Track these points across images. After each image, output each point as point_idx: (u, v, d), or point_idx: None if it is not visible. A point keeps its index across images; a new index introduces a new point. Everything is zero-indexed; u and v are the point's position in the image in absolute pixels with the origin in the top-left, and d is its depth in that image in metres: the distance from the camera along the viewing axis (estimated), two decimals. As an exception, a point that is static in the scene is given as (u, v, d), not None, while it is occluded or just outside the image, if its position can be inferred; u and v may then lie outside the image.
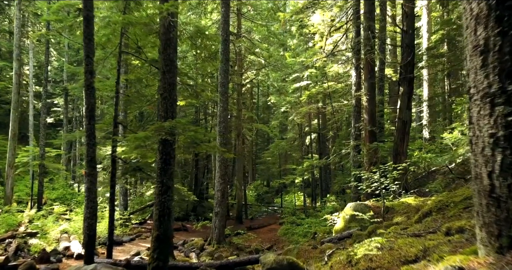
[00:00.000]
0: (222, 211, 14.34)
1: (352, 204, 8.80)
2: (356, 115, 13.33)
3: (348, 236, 7.75)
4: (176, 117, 7.10)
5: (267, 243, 16.60)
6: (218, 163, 14.41)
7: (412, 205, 8.08)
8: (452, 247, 2.96)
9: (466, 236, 3.22)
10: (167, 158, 6.93)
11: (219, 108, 14.54)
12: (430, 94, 23.58)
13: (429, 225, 4.62)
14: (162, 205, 6.82)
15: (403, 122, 12.35)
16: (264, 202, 31.67)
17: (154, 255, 6.62)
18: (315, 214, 18.48)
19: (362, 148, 12.87)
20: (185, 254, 12.89)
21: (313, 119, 27.73)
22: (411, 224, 5.64)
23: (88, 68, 8.27)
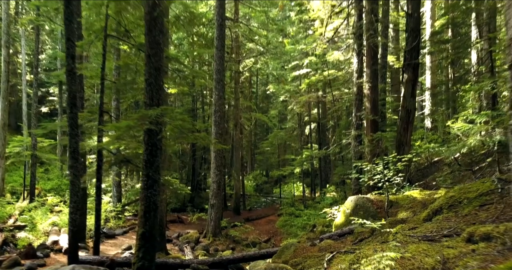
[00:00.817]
0: (218, 203, 13.87)
1: (353, 197, 8.28)
2: (358, 104, 12.73)
3: (349, 232, 7.26)
4: (162, 105, 6.52)
5: (265, 236, 16.18)
6: (213, 153, 13.88)
7: (418, 199, 7.56)
8: (480, 261, 2.44)
9: (495, 245, 2.69)
10: (153, 149, 6.37)
11: (215, 97, 13.95)
12: (433, 82, 22.93)
13: (442, 226, 4.10)
14: (148, 200, 6.29)
15: (407, 111, 11.77)
16: (263, 192, 31.25)
17: (139, 254, 6.11)
18: (314, 206, 18.03)
19: (364, 138, 12.31)
20: (179, 247, 12.45)
21: (313, 108, 27.09)
22: (420, 223, 5.11)
23: (69, 52, 7.66)
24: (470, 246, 2.89)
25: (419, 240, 3.54)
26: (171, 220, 17.57)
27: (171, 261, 7.75)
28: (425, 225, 4.58)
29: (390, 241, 4.22)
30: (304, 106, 25.29)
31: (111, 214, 14.91)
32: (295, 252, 6.78)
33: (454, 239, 3.32)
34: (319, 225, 14.46)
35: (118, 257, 8.77)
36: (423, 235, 3.86)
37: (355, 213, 7.96)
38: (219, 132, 13.79)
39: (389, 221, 6.32)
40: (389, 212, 7.28)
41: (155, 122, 6.16)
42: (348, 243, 6.66)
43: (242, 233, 15.44)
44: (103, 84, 8.76)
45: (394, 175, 8.31)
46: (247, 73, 30.20)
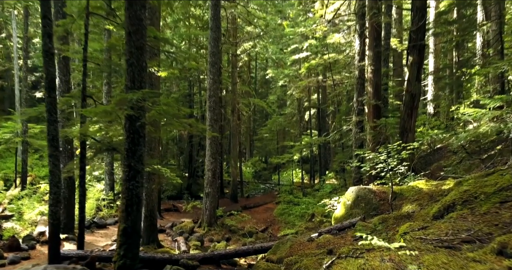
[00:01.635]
0: (213, 191, 13.37)
1: (354, 188, 7.74)
2: (359, 88, 12.08)
3: (350, 226, 6.73)
4: (145, 88, 5.90)
5: (262, 224, 15.76)
6: (208, 140, 13.29)
7: (424, 191, 7.01)
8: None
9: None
10: (135, 137, 5.79)
11: (209, 81, 13.28)
12: (436, 66, 22.20)
13: (458, 226, 3.55)
14: (130, 193, 5.73)
15: (412, 96, 11.13)
16: (261, 179, 30.84)
17: (120, 252, 5.60)
18: (313, 193, 17.57)
19: (366, 124, 11.72)
20: (173, 238, 12.00)
21: (312, 93, 26.41)
22: (430, 220, 4.57)
23: (46, 30, 6.98)
24: (505, 262, 2.34)
25: (434, 247, 3.00)
26: (166, 209, 17.14)
27: (159, 256, 7.25)
28: (437, 224, 4.03)
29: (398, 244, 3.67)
30: (303, 91, 24.61)
31: (103, 203, 14.43)
32: (291, 248, 6.27)
33: (478, 248, 2.77)
34: (318, 215, 14.03)
35: (104, 251, 8.29)
36: (438, 238, 3.31)
37: (356, 205, 7.44)
38: (214, 118, 13.18)
39: (394, 215, 5.78)
40: (393, 205, 6.75)
41: (136, 108, 5.55)
42: (348, 238, 6.15)
43: (239, 222, 15.00)
44: (85, 67, 8.10)
45: (398, 164, 7.77)
46: (245, 58, 29.36)
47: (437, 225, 3.93)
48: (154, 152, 10.31)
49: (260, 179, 30.79)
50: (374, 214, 7.04)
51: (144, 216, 10.27)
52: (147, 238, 10.24)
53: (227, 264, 7.54)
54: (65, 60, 11.00)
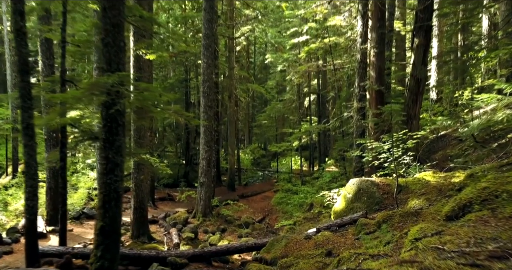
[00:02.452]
0: (208, 181, 12.84)
1: (356, 180, 7.18)
2: (361, 72, 11.39)
3: (351, 222, 6.20)
4: (124, 70, 5.27)
5: (259, 214, 15.30)
6: (202, 128, 12.69)
7: (432, 184, 6.46)
8: None
9: None
10: (113, 126, 5.18)
11: (203, 65, 12.59)
12: (440, 50, 21.38)
13: (480, 233, 2.99)
14: (108, 188, 5.17)
15: (417, 81, 10.49)
16: (260, 166, 30.36)
17: (97, 253, 5.06)
18: (312, 182, 17.07)
19: (367, 111, 11.11)
20: (166, 229, 11.52)
21: (312, 79, 25.66)
22: (442, 221, 4.01)
23: (17, 7, 6.31)
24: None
25: (457, 264, 2.46)
26: (161, 198, 16.66)
27: (145, 253, 6.75)
28: (453, 227, 3.47)
29: (408, 254, 3.12)
30: (303, 77, 23.87)
31: (95, 192, 13.90)
32: (286, 246, 5.75)
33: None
34: (316, 205, 13.53)
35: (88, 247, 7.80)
36: (458, 250, 2.76)
37: (357, 198, 6.90)
38: (209, 104, 12.55)
39: (400, 212, 5.23)
40: (397, 199, 6.19)
41: (112, 93, 4.93)
42: (349, 236, 5.62)
43: (235, 211, 14.53)
44: (64, 48, 7.45)
45: (402, 154, 7.21)
46: (244, 42, 28.50)
47: (454, 229, 3.37)
48: (144, 141, 9.73)
49: (258, 166, 30.31)
50: (377, 209, 6.51)
51: (133, 208, 9.79)
52: (137, 231, 9.77)
53: (219, 261, 7.05)
54: (48, 43, 10.31)
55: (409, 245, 3.44)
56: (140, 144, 9.62)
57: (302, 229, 11.24)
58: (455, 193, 5.48)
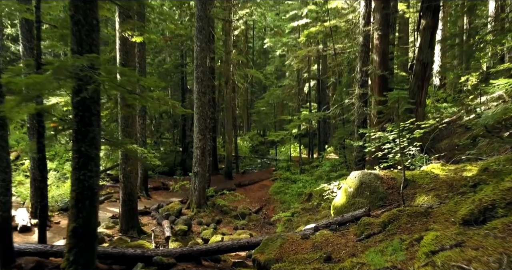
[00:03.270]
0: (203, 170, 12.32)
1: (358, 173, 6.63)
2: (364, 56, 10.71)
3: (352, 220, 5.67)
4: (98, 52, 4.65)
5: (256, 204, 14.84)
6: (196, 115, 12.09)
7: (441, 177, 5.91)
8: None
9: None
10: (85, 115, 4.59)
11: (196, 49, 11.91)
12: (444, 34, 20.57)
13: None
14: (81, 185, 4.61)
15: (423, 65, 9.86)
16: (258, 153, 29.84)
17: (70, 257, 4.54)
18: (311, 171, 16.56)
19: (370, 97, 10.50)
20: (158, 221, 11.06)
21: (312, 64, 24.92)
22: (460, 228, 3.46)
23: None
24: None
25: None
26: (155, 187, 16.16)
27: (129, 252, 6.25)
28: (475, 237, 2.93)
29: None
30: (303, 62, 23.11)
31: (85, 182, 13.41)
32: (281, 247, 5.23)
33: None
34: (315, 195, 13.06)
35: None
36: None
37: (359, 193, 6.36)
38: (202, 90, 11.91)
39: (408, 211, 4.69)
40: (404, 194, 5.65)
41: (83, 78, 4.31)
42: (351, 237, 5.10)
43: (231, 202, 14.06)
44: (39, 29, 6.79)
45: (408, 145, 6.64)
46: (242, 26, 27.60)
47: (477, 241, 2.83)
48: (132, 129, 9.15)
49: (257, 154, 29.80)
50: (381, 205, 5.97)
51: (122, 200, 9.29)
52: (126, 224, 9.30)
53: (209, 260, 6.57)
54: (28, 24, 9.59)
55: (424, 259, 2.90)
56: (128, 132, 9.04)
57: (300, 221, 10.78)
58: (469, 189, 4.93)
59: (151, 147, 25.90)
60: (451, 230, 3.45)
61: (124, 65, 8.91)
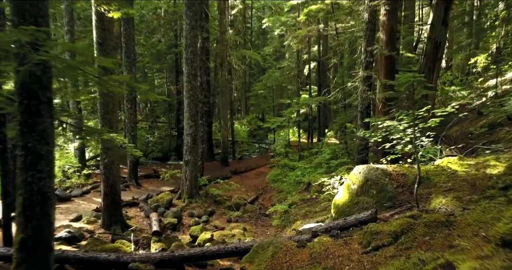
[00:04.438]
0: (194, 159, 11.53)
1: (362, 167, 5.81)
2: (369, 35, 9.72)
3: (356, 224, 4.89)
4: (48, 26, 3.75)
5: (252, 193, 14.13)
6: (186, 99, 11.20)
7: (460, 174, 5.10)
8: None
9: None
10: (32, 104, 3.74)
11: (185, 27, 10.91)
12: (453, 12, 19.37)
13: None
14: (29, 188, 3.80)
15: (435, 44, 8.92)
16: (256, 138, 29.01)
17: (18, 275, 3.77)
18: (311, 158, 15.78)
19: (375, 81, 9.59)
20: (146, 213, 10.33)
21: (313, 45, 23.79)
22: (503, 255, 2.66)
23: None
24: None
25: None
26: (146, 175, 15.40)
27: (102, 257, 5.51)
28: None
29: None
30: (302, 42, 21.99)
31: (70, 171, 12.64)
32: (273, 258, 4.47)
33: None
34: (314, 184, 12.32)
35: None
36: None
37: (364, 191, 5.56)
38: (193, 72, 10.98)
39: (425, 220, 3.90)
40: (418, 196, 4.84)
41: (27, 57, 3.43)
42: (355, 246, 4.33)
43: (226, 191, 13.32)
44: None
45: (421, 135, 5.82)
46: (240, 5, 26.31)
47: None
48: (112, 116, 8.29)
49: (255, 138, 28.98)
50: (389, 206, 5.18)
51: (103, 193, 8.51)
52: (109, 219, 8.55)
53: (194, 266, 5.83)
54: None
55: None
56: (108, 120, 8.19)
57: (298, 214, 10.05)
58: (499, 193, 4.11)
59: (145, 131, 25.09)
60: (489, 256, 2.64)
61: (102, 44, 7.98)
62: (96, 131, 6.48)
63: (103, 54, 8.05)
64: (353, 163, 11.44)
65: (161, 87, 31.42)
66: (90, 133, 5.99)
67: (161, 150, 21.91)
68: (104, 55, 8.06)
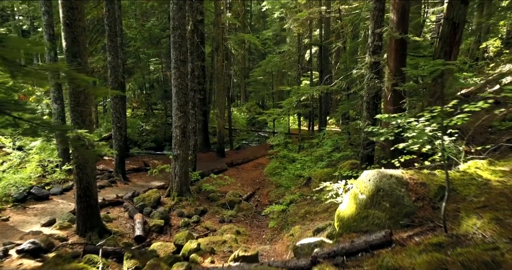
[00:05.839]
0: (184, 153, 10.56)
1: (373, 173, 4.82)
2: (377, 15, 8.58)
3: (366, 248, 3.92)
4: None
5: (249, 188, 13.23)
6: (174, 88, 10.16)
7: (494, 185, 4.11)
8: None
9: None
10: None
11: (172, 7, 9.79)
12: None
13: None
14: None
15: (453, 26, 7.80)
16: (255, 126, 28.01)
17: None
18: (311, 150, 14.80)
19: (384, 67, 8.51)
20: (130, 214, 9.42)
21: (314, 29, 22.50)
22: None
23: None
24: None
25: None
26: (135, 169, 14.45)
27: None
28: None
29: None
30: (303, 26, 20.73)
31: (51, 165, 11.69)
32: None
33: None
34: (315, 179, 11.40)
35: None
36: None
37: (375, 203, 4.58)
38: (181, 58, 9.89)
39: (461, 258, 2.93)
40: (439, 210, 3.86)
41: None
42: None
43: (220, 186, 12.42)
44: None
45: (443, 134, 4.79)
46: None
47: None
48: (85, 109, 7.27)
49: (254, 126, 27.98)
50: (406, 225, 4.21)
51: (77, 196, 7.57)
52: (84, 225, 7.64)
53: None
54: None
55: None
56: (80, 112, 7.18)
57: (297, 215, 9.13)
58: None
59: (140, 120, 24.10)
60: None
61: (69, 25, 6.90)
62: (65, 128, 5.49)
63: (71, 37, 6.99)
64: (358, 158, 10.46)
65: (157, 72, 30.29)
66: (54, 129, 4.99)
67: (155, 139, 20.95)
68: (73, 38, 7.01)
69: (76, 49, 7.07)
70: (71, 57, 7.07)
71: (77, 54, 7.09)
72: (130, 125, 22.04)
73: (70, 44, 7.01)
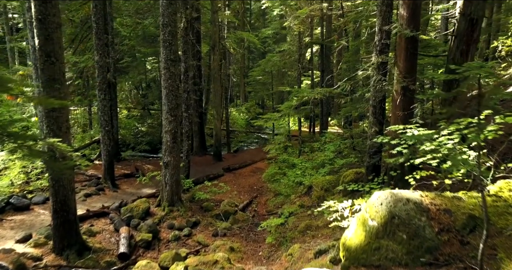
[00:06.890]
0: (175, 160, 9.81)
1: (385, 196, 4.07)
2: (385, 11, 7.82)
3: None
4: None
5: (246, 196, 12.47)
6: (165, 90, 9.40)
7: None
8: None
9: None
10: None
11: (161, 2, 9.02)
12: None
13: None
14: None
15: (471, 22, 7.05)
16: (255, 127, 27.22)
17: None
18: (312, 155, 14.04)
19: (392, 68, 7.75)
20: (116, 227, 8.68)
21: (315, 27, 21.73)
22: None
23: None
24: None
25: None
26: (126, 174, 13.64)
27: None
28: None
29: None
30: (304, 24, 19.94)
31: (35, 172, 10.96)
32: None
33: None
34: (316, 187, 10.67)
35: None
36: None
37: (388, 232, 3.83)
38: (171, 58, 9.12)
39: None
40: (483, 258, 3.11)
41: None
42: None
43: (215, 194, 11.68)
44: None
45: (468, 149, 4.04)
46: (236, -18, 24.13)
47: None
48: (60, 114, 6.52)
49: (253, 128, 27.20)
50: (429, 263, 3.45)
51: (53, 210, 6.85)
52: (61, 242, 6.91)
53: None
54: None
55: None
56: (55, 118, 6.42)
57: (296, 229, 8.36)
58: None
59: (136, 121, 23.37)
60: None
61: (42, 21, 6.16)
62: (27, 137, 4.75)
63: (45, 34, 6.25)
64: (362, 165, 9.73)
65: (154, 72, 29.55)
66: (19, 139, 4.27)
67: (151, 141, 20.16)
68: (46, 35, 6.27)
69: (50, 48, 6.33)
70: (44, 56, 6.34)
71: (51, 53, 6.35)
72: (125, 126, 21.30)
73: (43, 42, 6.28)
